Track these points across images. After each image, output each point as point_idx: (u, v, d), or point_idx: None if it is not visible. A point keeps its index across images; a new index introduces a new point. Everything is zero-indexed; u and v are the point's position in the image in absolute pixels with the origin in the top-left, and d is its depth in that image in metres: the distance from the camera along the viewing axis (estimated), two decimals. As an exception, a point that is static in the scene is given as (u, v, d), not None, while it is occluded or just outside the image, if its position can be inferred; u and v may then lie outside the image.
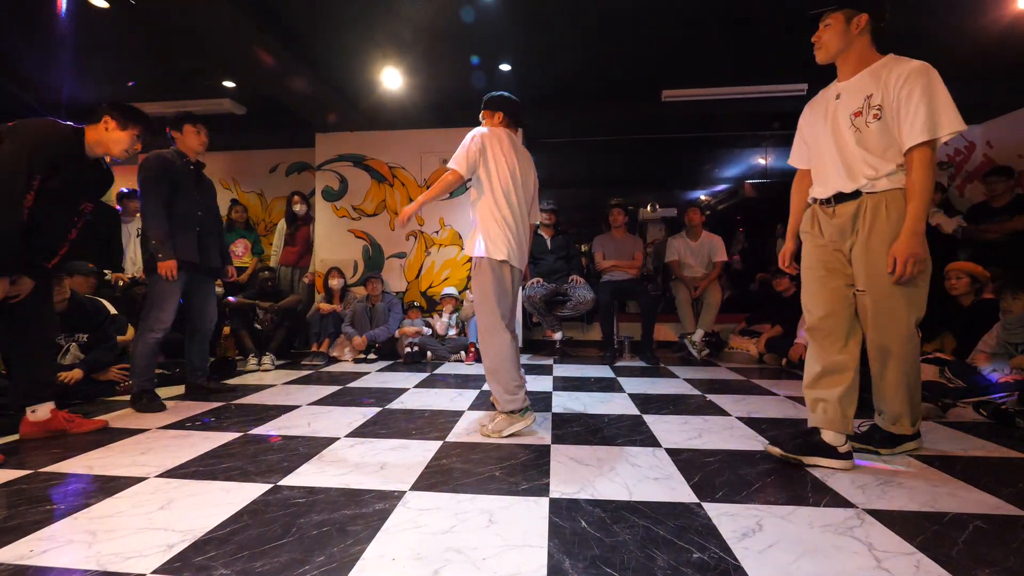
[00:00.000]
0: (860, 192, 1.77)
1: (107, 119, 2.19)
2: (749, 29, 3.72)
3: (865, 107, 1.74)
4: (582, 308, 4.48)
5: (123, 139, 2.23)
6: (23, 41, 3.96)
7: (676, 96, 4.66)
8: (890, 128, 1.70)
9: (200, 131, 2.86)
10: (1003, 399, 2.43)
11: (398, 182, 5.45)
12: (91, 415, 2.43)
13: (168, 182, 2.70)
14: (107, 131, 2.20)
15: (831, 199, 1.85)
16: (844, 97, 1.81)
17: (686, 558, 1.20)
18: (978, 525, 1.37)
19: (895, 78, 1.69)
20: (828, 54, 1.84)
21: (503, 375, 2.19)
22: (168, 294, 2.71)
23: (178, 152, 2.81)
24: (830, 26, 1.80)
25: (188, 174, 2.82)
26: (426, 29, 3.71)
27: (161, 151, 2.75)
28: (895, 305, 1.76)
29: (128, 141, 2.24)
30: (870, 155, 1.74)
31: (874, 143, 1.73)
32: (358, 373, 3.79)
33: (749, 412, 2.60)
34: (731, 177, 6.90)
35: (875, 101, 1.72)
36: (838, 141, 1.82)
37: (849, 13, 1.76)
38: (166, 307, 2.71)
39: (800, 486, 1.64)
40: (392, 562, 1.19)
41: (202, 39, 3.68)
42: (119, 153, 2.24)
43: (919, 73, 1.66)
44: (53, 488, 1.62)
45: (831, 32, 1.80)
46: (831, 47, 1.82)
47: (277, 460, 1.88)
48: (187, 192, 2.78)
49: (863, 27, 1.76)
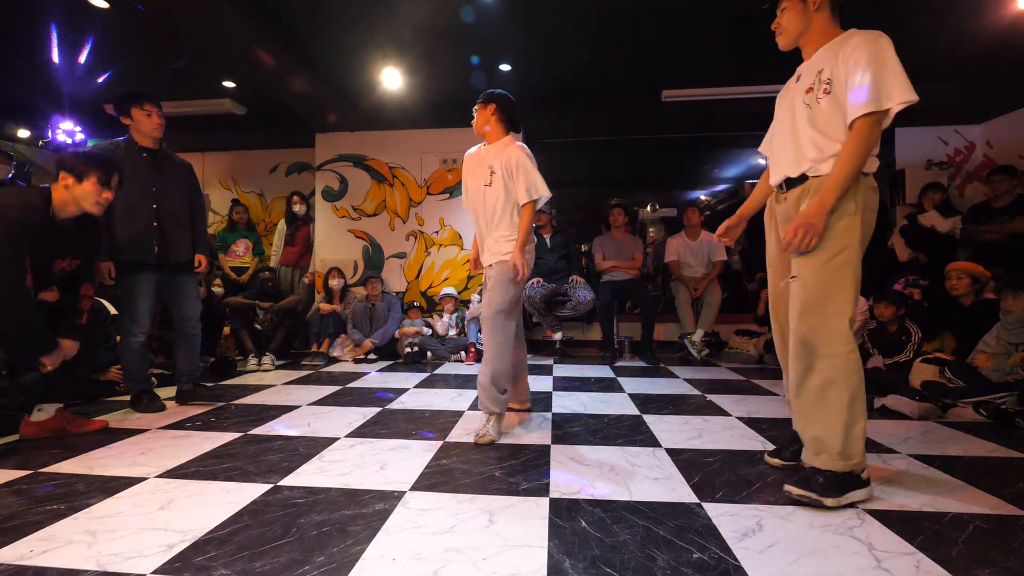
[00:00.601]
0: (806, 176, 1.63)
1: (62, 176, 2.04)
2: (749, 29, 3.71)
3: (816, 82, 1.62)
4: (582, 308, 4.48)
5: (88, 191, 2.06)
6: (23, 41, 3.96)
7: (676, 96, 4.66)
8: (840, 103, 1.56)
9: (151, 112, 2.61)
10: (1003, 399, 2.43)
11: (398, 182, 5.45)
12: (91, 415, 2.43)
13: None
14: (68, 189, 2.04)
15: (782, 184, 1.73)
16: (802, 77, 1.71)
17: (686, 558, 1.20)
18: (978, 525, 1.37)
19: (846, 49, 1.56)
20: (789, 38, 1.74)
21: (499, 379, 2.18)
22: (132, 295, 2.59)
23: (129, 141, 2.61)
24: (786, 9, 1.71)
25: (139, 164, 2.58)
26: (426, 29, 3.71)
27: (104, 142, 2.64)
28: (824, 294, 1.54)
29: (94, 192, 2.07)
30: (818, 134, 1.60)
31: (823, 121, 1.59)
32: (358, 373, 3.79)
33: (749, 412, 2.60)
34: (731, 177, 6.91)
35: (825, 75, 1.59)
36: (792, 123, 1.70)
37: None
38: (134, 309, 2.58)
39: (800, 486, 1.64)
40: (392, 562, 1.19)
41: (202, 39, 3.68)
42: (92, 208, 2.09)
43: (868, 40, 1.52)
44: (53, 488, 1.62)
45: (788, 15, 1.71)
46: (791, 30, 1.72)
47: (277, 460, 1.88)
48: (138, 185, 2.55)
49: (820, 2, 1.64)
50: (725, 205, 7.12)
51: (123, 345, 2.63)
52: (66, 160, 2.08)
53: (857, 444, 1.50)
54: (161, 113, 2.68)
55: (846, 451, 1.50)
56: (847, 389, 1.50)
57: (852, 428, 1.50)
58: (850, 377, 1.51)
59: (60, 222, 2.07)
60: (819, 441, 1.54)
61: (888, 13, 3.42)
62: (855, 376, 1.51)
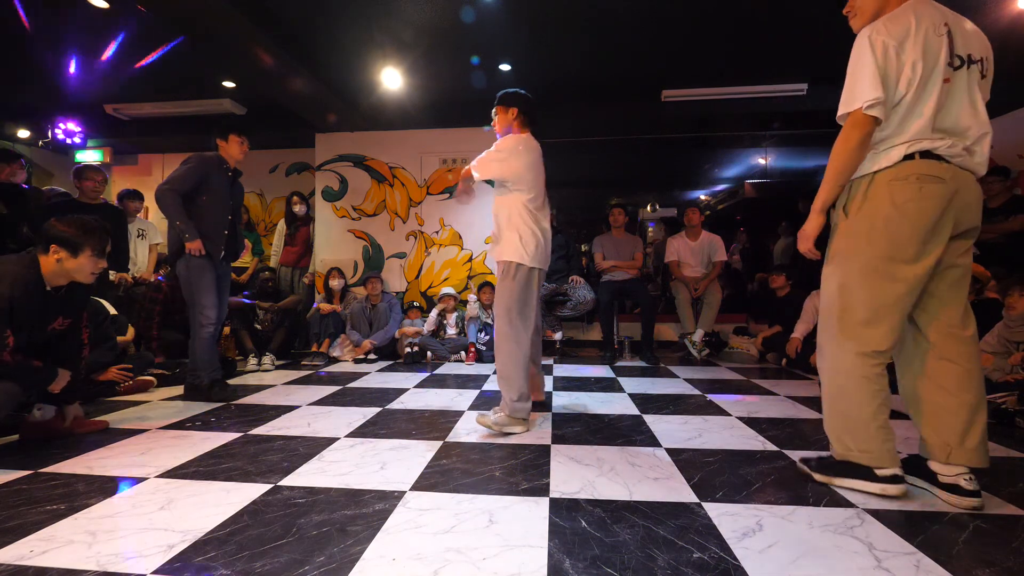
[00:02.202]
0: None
1: (54, 249, 1.96)
2: (749, 29, 3.72)
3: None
4: (582, 308, 4.48)
5: (83, 265, 2.01)
6: (23, 41, 3.96)
7: (676, 96, 4.67)
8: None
9: (243, 142, 3.06)
10: (1003, 398, 2.43)
11: (398, 182, 5.45)
12: (91, 415, 2.42)
13: (198, 179, 2.87)
14: (60, 262, 1.98)
15: None
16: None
17: (686, 558, 1.20)
18: (978, 525, 1.37)
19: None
20: (865, 17, 1.57)
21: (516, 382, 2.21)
22: (205, 285, 2.86)
23: (219, 157, 3.00)
24: None
25: (225, 179, 3.00)
26: (426, 29, 3.71)
27: (205, 153, 2.98)
28: (825, 298, 1.63)
29: (90, 264, 2.02)
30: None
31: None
32: (358, 373, 3.79)
33: (749, 412, 2.60)
34: (731, 177, 6.90)
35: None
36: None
37: None
38: (206, 300, 2.86)
39: (800, 486, 1.64)
40: (392, 562, 1.19)
41: (202, 39, 3.68)
42: (87, 279, 2.06)
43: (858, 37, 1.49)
44: (53, 488, 1.62)
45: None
46: (866, 9, 1.56)
47: (277, 460, 1.88)
48: (221, 195, 2.96)
49: None
50: (725, 205, 7.11)
51: (196, 338, 2.88)
52: (57, 232, 1.97)
53: (853, 438, 1.56)
54: (248, 144, 3.11)
55: (842, 441, 1.60)
56: (836, 390, 1.59)
57: (843, 425, 1.58)
58: (830, 380, 1.60)
59: (51, 291, 2.01)
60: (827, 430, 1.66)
61: (888, 13, 3.42)
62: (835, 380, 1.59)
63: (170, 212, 2.80)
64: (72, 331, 2.20)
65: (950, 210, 1.46)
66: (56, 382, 2.08)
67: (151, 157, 6.42)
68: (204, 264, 2.87)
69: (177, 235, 2.83)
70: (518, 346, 2.23)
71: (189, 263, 2.85)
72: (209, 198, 2.93)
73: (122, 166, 6.42)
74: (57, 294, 2.05)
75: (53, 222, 2.00)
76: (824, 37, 3.62)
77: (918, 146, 1.46)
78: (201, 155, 2.96)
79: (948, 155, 1.47)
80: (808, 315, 3.86)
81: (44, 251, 1.98)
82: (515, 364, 2.22)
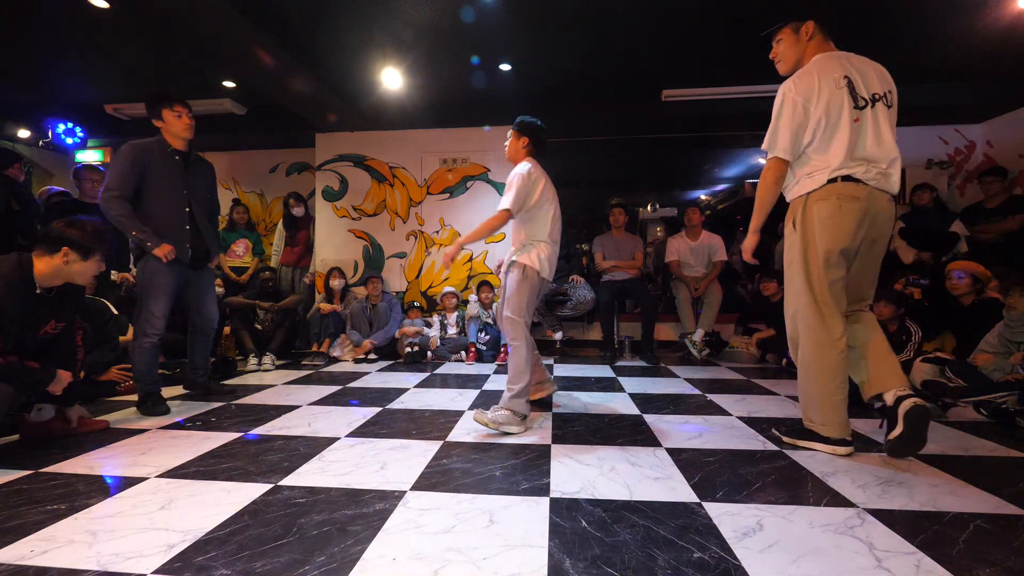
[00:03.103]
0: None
1: (66, 252, 1.97)
2: (749, 29, 3.71)
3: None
4: (582, 308, 4.48)
5: (89, 268, 2.05)
6: (23, 41, 3.96)
7: (676, 96, 4.66)
8: None
9: (181, 113, 2.61)
10: (1003, 398, 2.43)
11: (398, 182, 5.45)
12: (91, 415, 2.42)
13: (138, 172, 2.53)
14: (68, 264, 2.00)
15: None
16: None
17: (687, 558, 1.20)
18: (979, 524, 1.37)
19: None
20: (788, 66, 1.98)
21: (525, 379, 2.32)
22: (157, 292, 2.57)
23: (160, 141, 2.61)
24: (781, 41, 1.96)
25: (173, 164, 2.62)
26: (426, 29, 3.71)
27: (137, 141, 2.57)
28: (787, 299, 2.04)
29: (94, 267, 2.07)
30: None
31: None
32: (358, 373, 3.79)
33: (750, 412, 2.60)
34: (731, 177, 6.90)
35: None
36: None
37: (795, 25, 1.92)
38: (155, 308, 2.57)
39: (800, 486, 1.64)
40: (392, 562, 1.19)
41: (202, 39, 3.68)
42: (85, 281, 2.11)
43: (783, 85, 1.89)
44: (53, 488, 1.62)
45: (784, 45, 1.96)
46: (788, 59, 1.97)
47: (277, 460, 1.88)
48: (170, 184, 2.60)
49: (812, 32, 1.89)
50: (725, 205, 7.11)
51: (135, 345, 2.58)
52: (71, 235, 1.98)
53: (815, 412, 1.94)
54: (191, 114, 2.67)
55: (807, 415, 1.99)
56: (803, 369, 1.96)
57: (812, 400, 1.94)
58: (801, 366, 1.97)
59: (43, 292, 2.00)
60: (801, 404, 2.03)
61: (889, 13, 3.42)
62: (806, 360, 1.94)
63: (122, 223, 2.49)
64: (65, 334, 2.18)
65: (865, 221, 1.84)
66: (56, 383, 2.07)
67: (151, 157, 6.42)
68: (159, 268, 2.56)
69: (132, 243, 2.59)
70: (526, 343, 2.35)
71: (146, 264, 2.57)
72: (155, 192, 2.54)
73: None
74: (49, 295, 2.03)
75: (64, 226, 2.00)
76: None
77: (839, 172, 1.82)
78: (132, 143, 2.54)
79: (864, 178, 1.82)
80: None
81: (50, 252, 1.97)
82: (525, 360, 2.34)
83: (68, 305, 2.14)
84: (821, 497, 1.55)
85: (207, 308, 2.88)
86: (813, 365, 1.91)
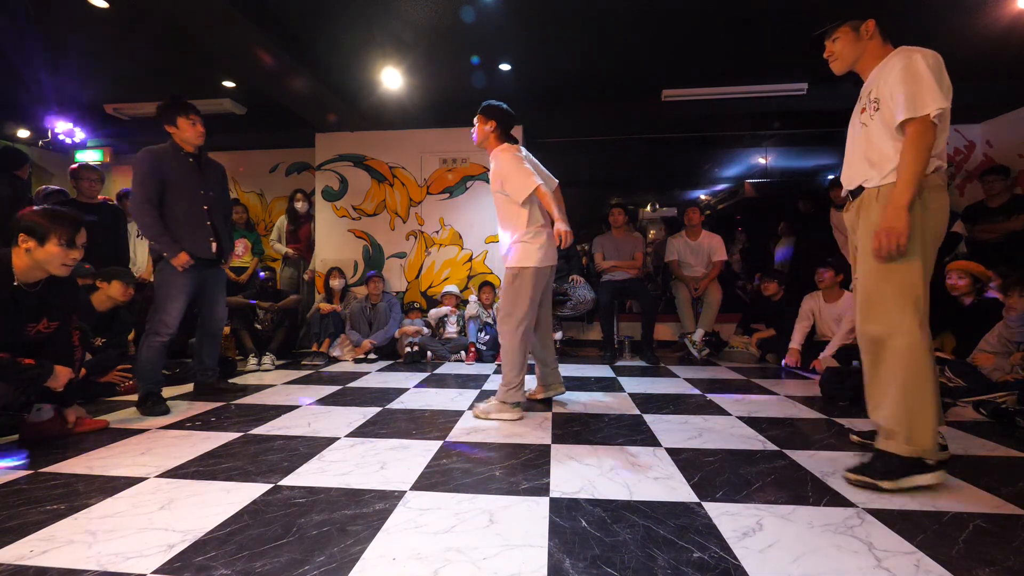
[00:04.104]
0: (862, 188, 1.76)
1: (22, 238, 1.89)
2: (749, 29, 3.72)
3: (868, 102, 1.75)
4: (582, 308, 4.48)
5: (53, 254, 1.92)
6: (23, 41, 3.96)
7: (676, 96, 4.66)
8: (886, 119, 1.68)
9: (195, 121, 2.71)
10: (1003, 398, 2.43)
11: (398, 182, 5.45)
12: (91, 415, 2.42)
13: (158, 178, 2.61)
14: (29, 252, 1.90)
15: (848, 196, 1.86)
16: (860, 97, 1.83)
17: (686, 558, 1.20)
18: (978, 524, 1.37)
19: (886, 68, 1.69)
20: (845, 64, 1.84)
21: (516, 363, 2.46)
22: (174, 293, 2.63)
23: (173, 145, 2.70)
24: (839, 39, 1.81)
25: (188, 167, 2.72)
26: (426, 29, 3.71)
27: (152, 147, 2.66)
28: (881, 289, 1.65)
29: (59, 254, 1.93)
30: (872, 149, 1.72)
31: (875, 138, 1.72)
32: (358, 373, 3.79)
33: (749, 412, 2.60)
34: (731, 177, 6.90)
35: (873, 95, 1.72)
36: (853, 142, 1.83)
37: (855, 23, 1.77)
38: (171, 308, 2.64)
39: (800, 486, 1.64)
40: (392, 562, 1.19)
41: (202, 39, 3.68)
42: (59, 271, 1.97)
43: (902, 56, 1.65)
44: (53, 488, 1.62)
45: (842, 44, 1.81)
46: (846, 58, 1.82)
47: (277, 460, 1.88)
48: (189, 186, 2.70)
49: (872, 32, 1.75)
50: (725, 205, 7.11)
51: (145, 342, 2.61)
52: (24, 222, 1.90)
53: (923, 433, 1.57)
54: (203, 122, 2.77)
55: (911, 436, 1.58)
56: (907, 377, 1.59)
57: (918, 414, 1.58)
58: (909, 367, 1.59)
59: (25, 287, 1.95)
60: (890, 430, 1.62)
61: (889, 13, 3.42)
62: (915, 366, 1.58)
63: (149, 231, 2.59)
64: (60, 334, 2.16)
65: None
66: (54, 379, 2.04)
67: (151, 157, 6.43)
68: (173, 274, 2.65)
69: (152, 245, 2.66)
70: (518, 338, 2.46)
71: (165, 265, 2.65)
72: (176, 194, 2.65)
73: (122, 166, 6.42)
74: (33, 290, 1.99)
75: (21, 213, 1.96)
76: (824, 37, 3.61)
77: (939, 163, 1.66)
78: (149, 149, 2.64)
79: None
80: (805, 316, 3.86)
81: (15, 244, 1.91)
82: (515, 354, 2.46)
83: (58, 303, 2.11)
84: (821, 497, 1.55)
85: (219, 310, 2.94)
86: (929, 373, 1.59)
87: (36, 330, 2.05)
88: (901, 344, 1.61)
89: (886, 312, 1.64)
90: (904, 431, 1.59)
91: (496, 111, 2.54)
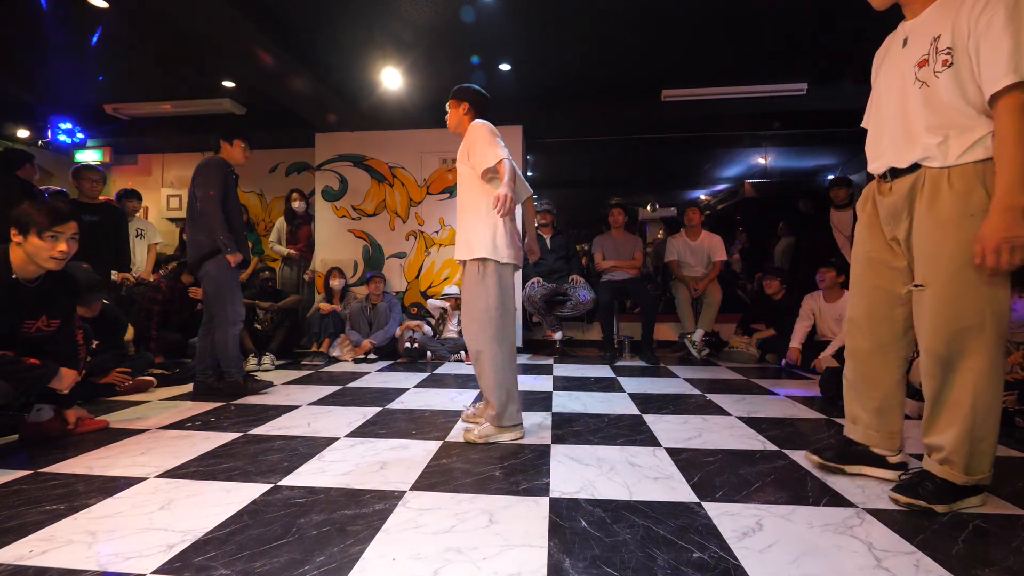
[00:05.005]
0: (919, 165, 1.39)
1: (12, 232, 1.91)
2: (749, 29, 3.72)
3: (932, 52, 1.33)
4: (582, 308, 4.48)
5: (38, 247, 1.92)
6: (23, 41, 3.96)
7: (676, 96, 4.66)
8: (963, 78, 1.29)
9: (247, 149, 3.11)
10: (1002, 398, 2.42)
11: (398, 182, 5.45)
12: (91, 415, 2.42)
13: (224, 185, 2.93)
14: (20, 245, 1.92)
15: (886, 174, 1.49)
16: (910, 42, 1.41)
17: (686, 558, 1.20)
18: (978, 524, 1.37)
19: (969, 7, 1.26)
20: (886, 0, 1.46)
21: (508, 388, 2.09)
22: (236, 285, 2.98)
23: (226, 160, 3.04)
24: None
25: (233, 181, 3.07)
26: (426, 29, 3.71)
27: (215, 157, 2.99)
28: (964, 305, 1.36)
29: (45, 247, 1.93)
30: (936, 117, 1.34)
31: (943, 100, 1.33)
32: (358, 373, 3.79)
33: (749, 412, 2.60)
34: (731, 177, 6.90)
35: (943, 43, 1.31)
36: (902, 103, 1.43)
37: None
38: (238, 299, 3.00)
39: (800, 486, 1.64)
40: (392, 562, 1.19)
41: (202, 39, 3.68)
42: (49, 264, 1.96)
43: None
44: (53, 488, 1.62)
45: None
46: None
47: (277, 460, 1.88)
48: (236, 198, 3.06)
49: None
50: (725, 205, 7.11)
51: (228, 335, 2.92)
52: (13, 214, 1.92)
53: (984, 460, 1.42)
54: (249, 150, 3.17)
55: (970, 466, 1.42)
56: (979, 402, 1.38)
57: (982, 441, 1.41)
58: (985, 392, 1.38)
59: (24, 282, 1.97)
60: (950, 455, 1.44)
61: (889, 13, 3.42)
62: (990, 390, 1.38)
63: (216, 226, 2.85)
64: (63, 332, 2.16)
65: None
66: (58, 380, 2.05)
67: (151, 157, 6.41)
68: (234, 272, 2.99)
69: (204, 239, 2.87)
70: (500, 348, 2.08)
71: (220, 262, 2.90)
72: (231, 203, 2.98)
73: (122, 166, 6.42)
74: (31, 285, 2.00)
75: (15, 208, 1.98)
76: (824, 37, 3.62)
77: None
78: (217, 159, 2.98)
79: None
80: (806, 316, 3.86)
81: (7, 239, 1.95)
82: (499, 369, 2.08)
83: (59, 299, 2.11)
84: (821, 497, 1.55)
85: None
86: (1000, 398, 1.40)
87: (36, 327, 2.05)
88: (979, 366, 1.37)
89: (969, 333, 1.37)
90: (963, 459, 1.41)
91: (468, 92, 2.25)
